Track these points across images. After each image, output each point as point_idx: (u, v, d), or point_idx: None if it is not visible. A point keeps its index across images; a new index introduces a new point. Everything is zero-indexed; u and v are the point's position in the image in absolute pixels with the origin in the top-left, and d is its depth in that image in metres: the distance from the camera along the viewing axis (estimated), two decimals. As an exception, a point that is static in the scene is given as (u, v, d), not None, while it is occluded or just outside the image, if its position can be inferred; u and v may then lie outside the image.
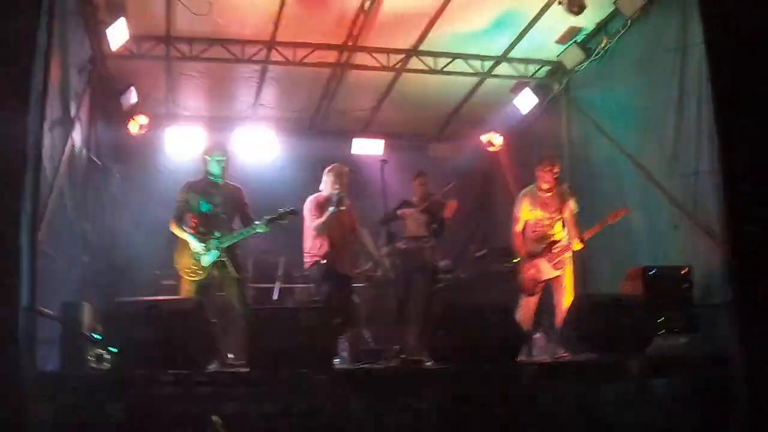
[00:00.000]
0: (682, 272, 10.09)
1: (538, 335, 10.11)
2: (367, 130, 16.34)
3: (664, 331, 9.55)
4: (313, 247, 10.81)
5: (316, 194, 11.00)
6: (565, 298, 10.56)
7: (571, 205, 10.90)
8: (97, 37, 11.72)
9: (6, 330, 7.04)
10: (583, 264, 10.82)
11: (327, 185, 10.89)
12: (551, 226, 10.88)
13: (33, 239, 7.67)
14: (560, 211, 10.80)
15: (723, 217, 9.36)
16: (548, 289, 10.91)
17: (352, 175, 11.12)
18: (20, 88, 7.64)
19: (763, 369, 8.22)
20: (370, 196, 11.47)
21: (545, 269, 10.76)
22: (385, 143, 15.68)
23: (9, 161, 7.40)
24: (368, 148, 15.68)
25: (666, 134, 11.14)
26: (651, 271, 10.16)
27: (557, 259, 10.74)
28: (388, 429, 7.57)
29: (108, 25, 11.18)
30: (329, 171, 10.98)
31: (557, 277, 10.78)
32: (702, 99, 10.18)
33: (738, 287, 8.89)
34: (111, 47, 11.53)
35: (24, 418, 6.86)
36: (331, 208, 10.60)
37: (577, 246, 10.58)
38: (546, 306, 10.97)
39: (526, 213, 11.00)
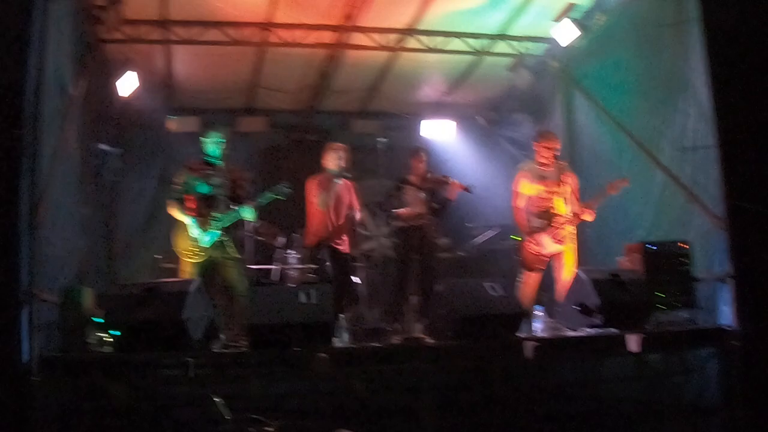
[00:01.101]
0: (681, 247, 10.11)
1: (538, 311, 10.11)
2: (364, 110, 16.34)
3: (663, 305, 9.58)
4: (312, 225, 10.93)
5: (317, 173, 11.08)
6: (566, 273, 10.58)
7: (575, 179, 10.93)
8: (92, 24, 11.71)
9: (6, 315, 7.07)
10: (581, 240, 10.81)
11: (326, 163, 10.99)
12: (551, 200, 10.89)
13: (32, 224, 7.69)
14: (560, 185, 10.80)
15: (721, 191, 9.38)
16: (548, 266, 10.94)
17: (349, 153, 11.19)
18: (17, 73, 7.65)
19: (760, 342, 8.25)
20: (370, 175, 11.49)
21: (548, 244, 10.77)
22: (380, 123, 15.71)
23: (7, 146, 7.41)
24: (366, 127, 15.71)
25: (664, 110, 11.16)
26: (650, 246, 10.17)
27: (559, 234, 10.75)
28: (389, 407, 7.60)
29: (103, 9, 11.17)
30: (327, 149, 11.09)
31: (558, 252, 10.80)
32: (698, 74, 10.18)
33: (736, 262, 8.92)
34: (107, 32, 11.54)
35: (25, 401, 6.89)
36: (335, 181, 10.70)
37: (589, 217, 10.58)
38: (546, 282, 10.98)
39: (527, 188, 11.00)
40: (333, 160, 11.09)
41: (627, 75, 12.15)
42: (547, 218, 10.87)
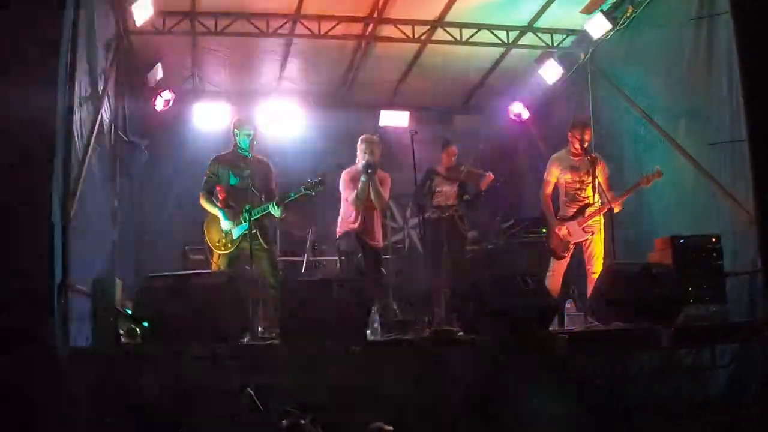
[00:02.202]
0: (712, 241, 10.07)
1: (568, 304, 10.09)
2: (392, 102, 16.31)
3: (693, 300, 9.55)
4: (344, 217, 10.94)
5: (351, 167, 11.09)
6: (596, 266, 10.59)
7: (604, 168, 10.92)
8: (122, 14, 11.74)
9: (40, 306, 7.10)
10: (611, 233, 10.77)
11: (359, 156, 10.97)
12: (582, 189, 10.90)
13: (65, 216, 7.72)
14: (590, 174, 10.78)
15: (752, 186, 9.34)
16: (578, 259, 10.92)
17: (382, 145, 11.17)
18: (49, 66, 7.68)
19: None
20: (398, 167, 11.45)
21: (575, 232, 10.79)
22: (410, 115, 15.69)
23: (40, 139, 7.44)
24: (395, 119, 15.69)
25: (693, 104, 11.09)
26: (680, 240, 10.13)
27: (588, 223, 10.74)
28: (421, 400, 7.59)
29: (132, 1, 11.18)
30: (361, 141, 11.09)
31: (588, 242, 10.79)
32: (730, 68, 10.14)
33: (766, 256, 8.89)
34: (135, 23, 11.53)
35: (58, 392, 6.91)
36: (362, 178, 10.68)
37: (616, 208, 10.56)
38: (576, 275, 10.97)
39: (556, 176, 11.03)
40: (364, 152, 11.06)
41: (654, 68, 12.09)
42: (576, 207, 10.88)
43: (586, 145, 10.91)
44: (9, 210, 7.14)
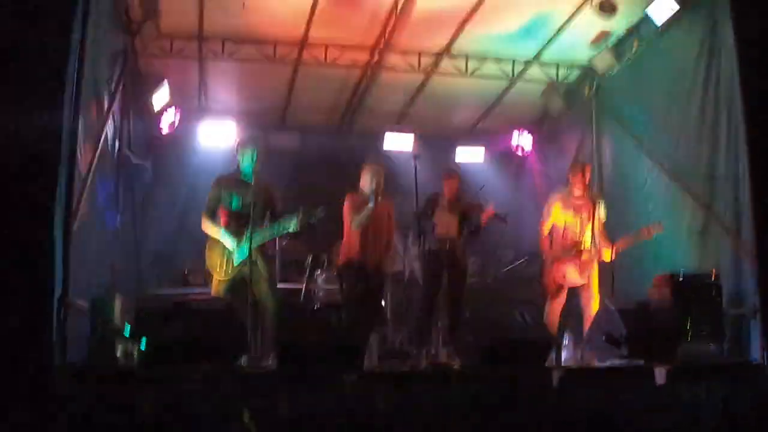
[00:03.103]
0: (711, 279, 10.08)
1: (566, 340, 10.08)
2: (396, 129, 16.36)
3: (691, 337, 9.54)
4: (346, 244, 10.93)
5: (353, 193, 11.09)
6: (593, 303, 10.58)
7: (601, 212, 10.92)
8: (129, 32, 11.79)
9: (39, 322, 7.10)
10: (610, 270, 10.78)
11: (363, 183, 10.96)
12: (582, 232, 10.88)
13: (66, 232, 7.73)
14: (590, 216, 10.77)
15: (752, 224, 9.36)
16: (574, 295, 10.91)
17: (387, 173, 11.17)
18: (55, 82, 7.70)
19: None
20: (401, 192, 11.47)
21: (571, 276, 10.77)
22: (414, 137, 15.69)
23: (43, 154, 7.45)
24: (399, 143, 15.69)
25: (696, 140, 11.13)
26: (679, 277, 10.15)
27: (584, 266, 10.74)
28: (415, 430, 7.58)
29: (141, 23, 11.24)
30: (365, 169, 11.07)
31: (582, 284, 10.78)
32: (732, 105, 10.18)
33: (765, 295, 8.89)
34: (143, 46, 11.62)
35: (54, 410, 6.91)
36: (369, 205, 10.69)
37: (608, 258, 10.57)
38: (573, 311, 10.96)
39: (557, 215, 11.02)
40: (367, 180, 11.05)
41: (658, 102, 12.14)
42: (573, 248, 10.87)
43: (587, 183, 10.92)
44: (10, 225, 7.15)
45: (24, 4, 7.54)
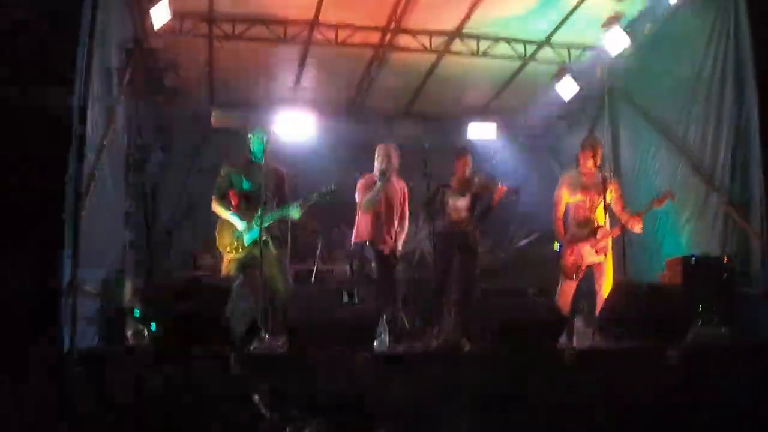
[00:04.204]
0: (723, 262, 10.05)
1: (577, 321, 10.05)
2: (407, 111, 16.34)
3: (703, 320, 9.52)
4: (359, 225, 10.97)
5: (366, 173, 11.17)
6: (605, 284, 10.52)
7: (617, 188, 10.87)
8: (140, 16, 11.77)
9: (49, 305, 7.11)
10: (622, 252, 10.74)
11: (376, 164, 10.99)
12: (593, 210, 10.81)
13: (76, 216, 7.72)
14: (601, 194, 10.71)
15: (762, 206, 9.33)
16: (588, 275, 10.88)
17: (399, 153, 11.18)
18: (65, 67, 7.70)
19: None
20: (411, 178, 11.44)
21: (587, 254, 10.72)
22: (425, 125, 15.71)
23: (54, 138, 7.45)
24: (408, 130, 15.70)
25: (707, 122, 11.09)
26: (691, 259, 10.12)
27: (600, 245, 10.69)
28: (426, 409, 7.57)
29: (150, 4, 11.20)
30: (378, 149, 11.12)
31: (599, 262, 10.74)
32: (745, 87, 10.14)
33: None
34: (153, 27, 11.56)
35: (64, 393, 6.92)
36: (378, 184, 10.70)
37: (638, 227, 10.49)
38: (585, 292, 10.93)
39: (567, 196, 10.97)
40: (377, 161, 11.08)
41: (672, 85, 12.09)
42: (587, 228, 10.83)
43: (597, 164, 10.86)
44: (20, 208, 7.16)
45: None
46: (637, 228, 10.47)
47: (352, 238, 11.26)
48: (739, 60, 10.35)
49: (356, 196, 11.16)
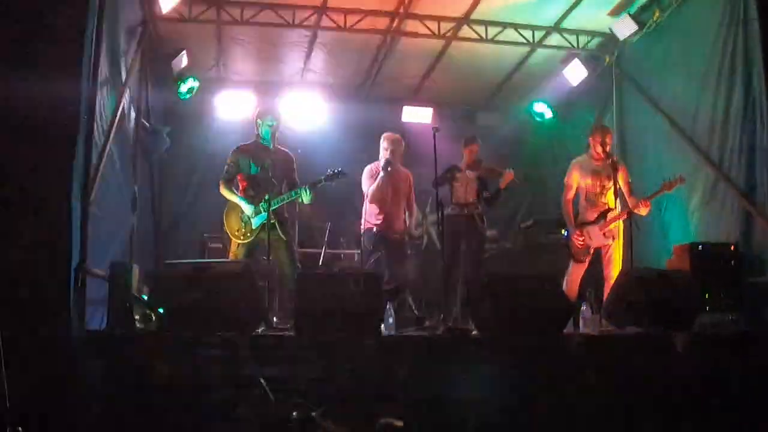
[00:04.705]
0: (730, 249, 10.06)
1: (584, 308, 10.06)
2: (415, 97, 16.32)
3: (709, 307, 9.52)
4: (366, 212, 11.02)
5: (373, 163, 11.23)
6: (614, 270, 10.54)
7: (625, 173, 10.87)
8: (148, 0, 11.77)
9: (58, 289, 7.13)
10: (630, 239, 10.74)
11: (381, 153, 11.02)
12: (603, 194, 10.84)
13: (84, 200, 7.75)
14: (611, 179, 10.71)
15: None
16: (596, 262, 10.89)
17: (405, 140, 11.21)
18: (73, 51, 7.71)
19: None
20: (420, 164, 11.44)
21: (596, 237, 10.74)
22: (433, 111, 15.71)
23: (62, 123, 7.47)
24: (418, 115, 15.75)
25: (715, 109, 11.08)
26: (698, 247, 10.13)
27: (609, 228, 10.70)
28: (432, 396, 7.58)
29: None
30: (382, 138, 11.15)
31: (607, 247, 10.76)
32: (754, 75, 10.14)
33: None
34: (162, 10, 11.57)
35: (73, 376, 6.94)
36: (381, 174, 10.74)
37: (645, 210, 10.48)
38: (592, 279, 10.94)
39: (577, 180, 11.00)
40: (384, 149, 11.12)
41: (679, 72, 12.09)
42: (597, 212, 10.85)
43: (607, 149, 10.86)
44: (29, 192, 7.18)
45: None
46: (643, 211, 10.46)
47: (362, 226, 11.27)
48: (748, 49, 10.34)
49: (363, 185, 11.23)
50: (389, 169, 10.95)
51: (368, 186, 11.09)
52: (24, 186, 7.17)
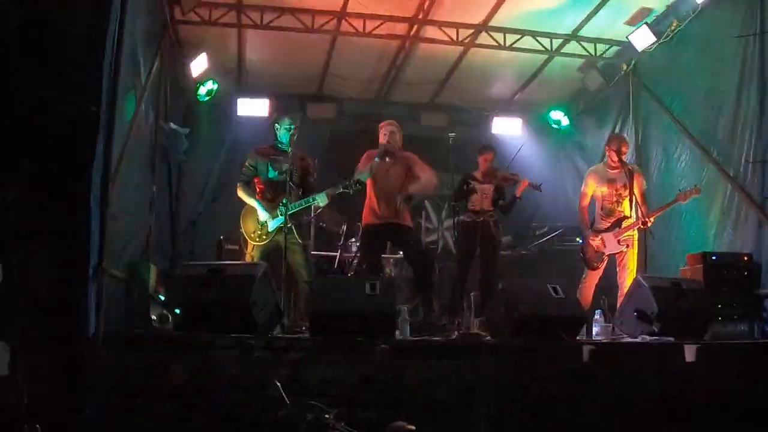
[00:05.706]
0: (743, 260, 10.08)
1: (597, 315, 10.08)
2: (432, 103, 16.38)
3: (722, 317, 9.54)
4: (366, 207, 10.96)
5: (371, 149, 11.04)
6: (628, 278, 10.55)
7: (641, 182, 10.90)
8: (168, 3, 11.84)
9: (76, 289, 7.18)
10: (644, 248, 10.77)
11: (380, 139, 10.98)
12: (619, 202, 10.89)
13: (102, 201, 7.80)
14: (627, 187, 10.75)
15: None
16: (610, 270, 10.92)
17: (400, 130, 11.14)
18: (94, 52, 7.75)
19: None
20: (437, 169, 11.41)
21: (610, 243, 10.78)
22: (449, 116, 15.79)
23: (82, 124, 7.51)
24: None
25: (732, 120, 11.10)
26: (712, 257, 10.15)
27: (624, 235, 10.74)
28: (444, 401, 7.62)
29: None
30: (380, 127, 11.10)
31: (621, 254, 10.79)
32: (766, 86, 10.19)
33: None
34: (182, 13, 11.65)
35: (88, 376, 6.99)
36: (376, 159, 10.70)
37: (650, 223, 10.52)
38: (606, 287, 10.97)
39: (593, 188, 11.05)
40: (382, 137, 10.97)
41: (696, 83, 12.11)
42: (612, 220, 10.88)
43: (623, 158, 10.89)
44: (47, 193, 7.23)
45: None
46: (649, 223, 10.49)
47: (363, 220, 11.08)
48: (765, 60, 10.37)
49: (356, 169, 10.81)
50: (387, 159, 10.77)
51: (361, 167, 10.77)
52: (42, 186, 7.22)
